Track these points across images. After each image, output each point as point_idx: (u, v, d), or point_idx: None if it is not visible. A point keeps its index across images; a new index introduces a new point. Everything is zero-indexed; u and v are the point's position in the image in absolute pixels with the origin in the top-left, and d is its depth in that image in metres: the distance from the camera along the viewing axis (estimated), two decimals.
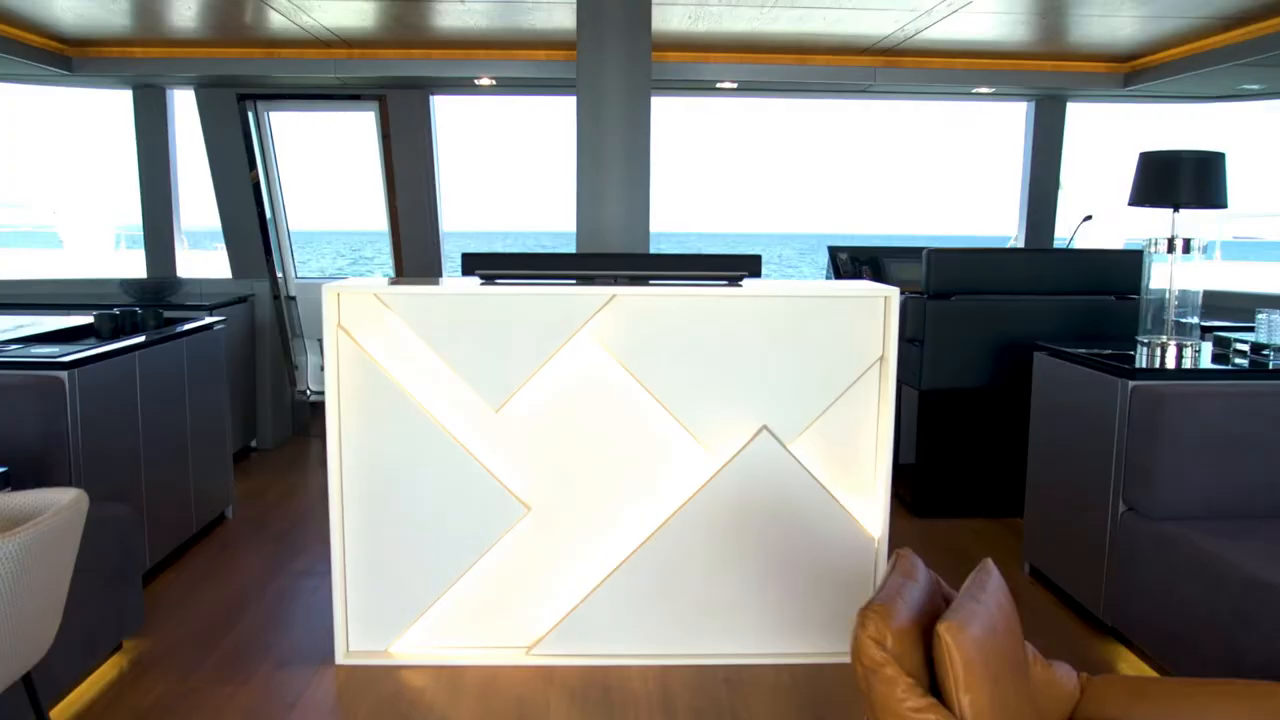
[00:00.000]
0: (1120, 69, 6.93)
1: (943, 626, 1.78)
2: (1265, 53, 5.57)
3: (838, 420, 3.90)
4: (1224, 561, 3.45)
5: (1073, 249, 6.76)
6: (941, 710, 1.72)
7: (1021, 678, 2.09)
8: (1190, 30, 5.88)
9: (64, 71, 6.57)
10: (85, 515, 2.68)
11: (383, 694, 3.70)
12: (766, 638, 3.96)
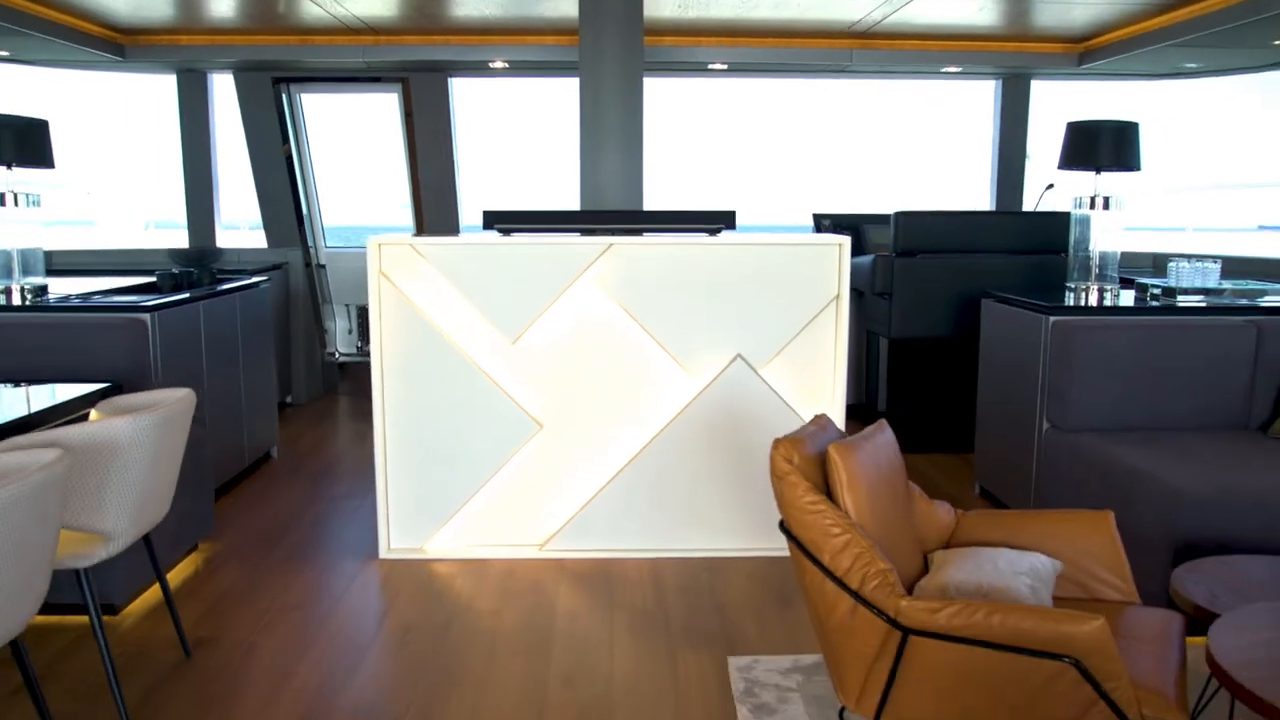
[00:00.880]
0: (1075, 49, 7.61)
1: (833, 447, 2.52)
2: (1199, 32, 6.23)
3: (800, 349, 4.62)
4: (1116, 459, 4.16)
5: (1022, 211, 7.46)
6: (829, 504, 2.44)
7: (900, 503, 2.82)
8: (1133, 14, 6.56)
9: (117, 58, 7.30)
10: (194, 408, 3.42)
11: (420, 581, 4.44)
12: (741, 534, 4.69)
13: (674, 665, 3.60)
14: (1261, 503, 3.73)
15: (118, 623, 3.97)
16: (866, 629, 2.41)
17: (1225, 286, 5.24)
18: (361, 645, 3.78)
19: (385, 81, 8.21)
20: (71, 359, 4.33)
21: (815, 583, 2.49)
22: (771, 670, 3.53)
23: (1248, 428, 4.67)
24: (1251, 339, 4.66)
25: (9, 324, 4.42)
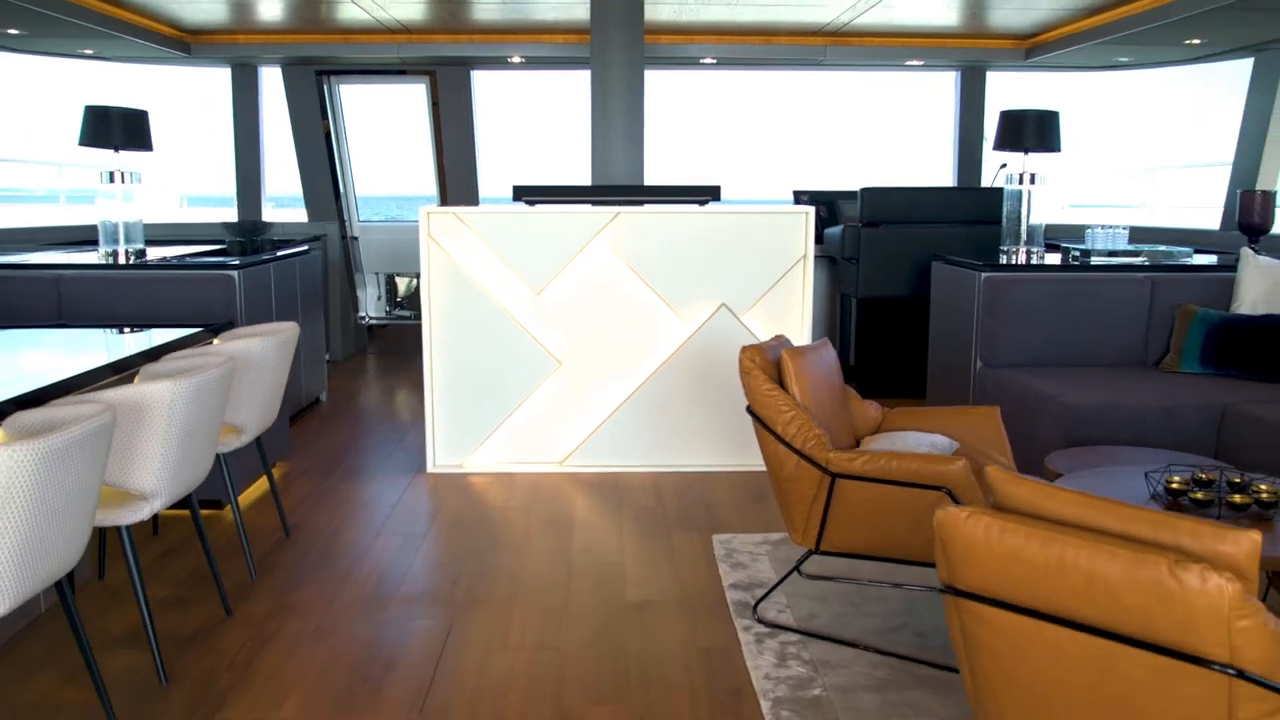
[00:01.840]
0: (1023, 45, 8.60)
1: (784, 351, 3.53)
2: (1123, 32, 7.21)
3: (774, 299, 5.62)
4: (1031, 387, 5.16)
5: (971, 187, 8.44)
6: (781, 391, 3.44)
7: (837, 397, 3.83)
8: (1069, 16, 7.54)
9: (184, 54, 8.29)
10: (298, 337, 4.41)
11: (461, 489, 5.43)
12: (726, 452, 5.69)
13: (670, 541, 4.61)
14: (1134, 414, 4.74)
15: (223, 514, 4.97)
16: (806, 477, 3.41)
17: (1131, 249, 6.24)
18: (419, 532, 4.77)
19: (414, 74, 9.21)
20: (174, 308, 5.31)
21: (771, 447, 3.50)
22: (746, 542, 4.54)
23: (1144, 364, 5.67)
24: (1147, 291, 5.67)
25: (123, 280, 5.41)
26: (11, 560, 2.38)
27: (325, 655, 3.46)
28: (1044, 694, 1.91)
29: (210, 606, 3.85)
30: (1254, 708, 1.68)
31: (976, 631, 1.97)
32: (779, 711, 3.05)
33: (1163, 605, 1.66)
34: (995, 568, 1.86)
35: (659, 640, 3.58)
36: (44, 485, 2.40)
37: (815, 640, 3.52)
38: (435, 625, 3.70)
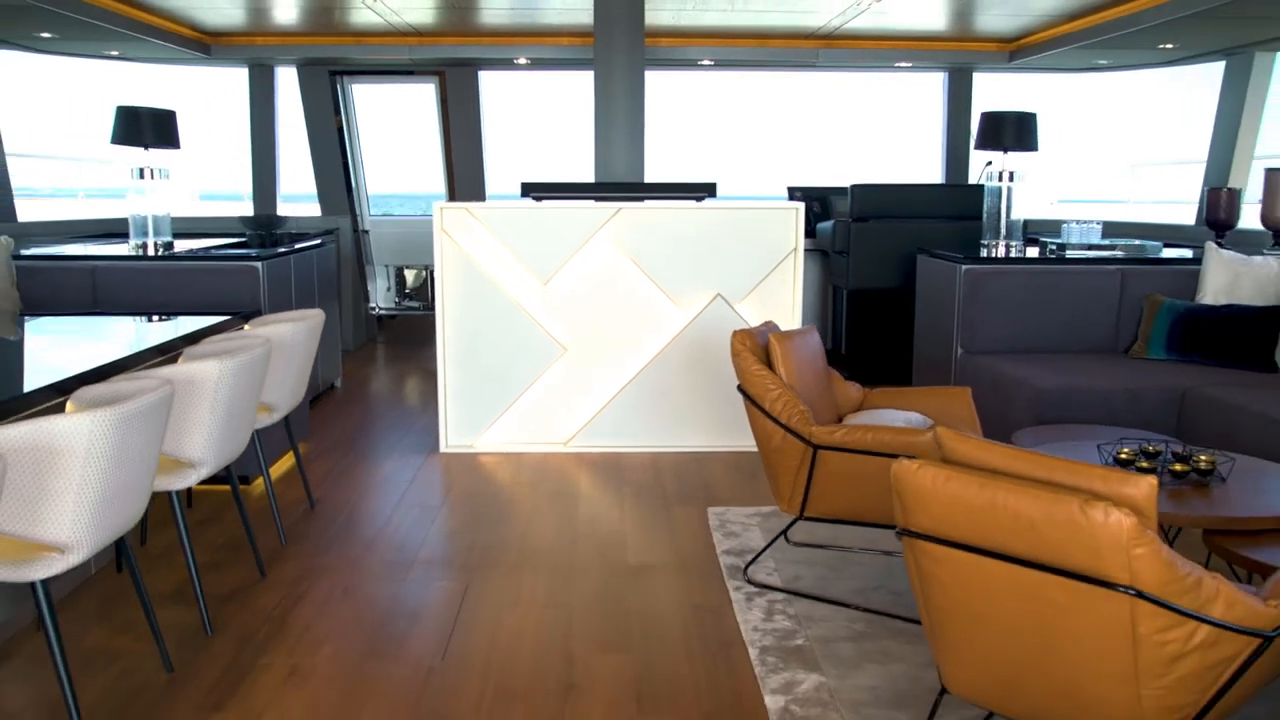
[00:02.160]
0: (1006, 48, 8.94)
1: (771, 335, 3.87)
2: (1100, 37, 7.54)
3: (766, 289, 5.96)
4: (1006, 371, 5.51)
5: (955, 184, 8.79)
6: (769, 371, 3.79)
7: (821, 378, 4.18)
8: (1049, 21, 7.88)
9: (204, 55, 8.63)
10: (323, 323, 4.75)
11: (472, 467, 5.78)
12: (721, 433, 6.03)
13: (669, 513, 4.96)
14: (1100, 397, 5.09)
15: (251, 489, 5.32)
16: (791, 449, 3.76)
17: (1106, 243, 6.59)
18: (435, 504, 5.12)
19: (424, 74, 9.55)
20: (201, 296, 5.65)
21: (760, 422, 3.85)
22: (738, 514, 4.89)
23: (1115, 351, 6.01)
24: (1118, 283, 6.02)
25: (154, 270, 5.75)
26: (92, 512, 2.73)
27: (353, 611, 3.81)
28: (983, 618, 2.26)
29: (245, 569, 4.20)
30: (1152, 623, 2.03)
31: (927, 567, 2.32)
32: (765, 658, 3.40)
33: (1075, 537, 2.01)
34: (940, 511, 2.21)
35: (658, 599, 3.93)
36: (119, 447, 2.75)
37: (799, 598, 3.88)
38: (453, 586, 4.05)
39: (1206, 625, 2.03)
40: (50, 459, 2.60)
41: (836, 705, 3.09)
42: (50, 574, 2.69)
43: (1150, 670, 2.07)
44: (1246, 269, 5.77)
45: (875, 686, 3.20)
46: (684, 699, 3.17)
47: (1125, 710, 2.14)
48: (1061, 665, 2.17)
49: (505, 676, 3.31)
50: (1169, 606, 2.00)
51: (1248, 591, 2.09)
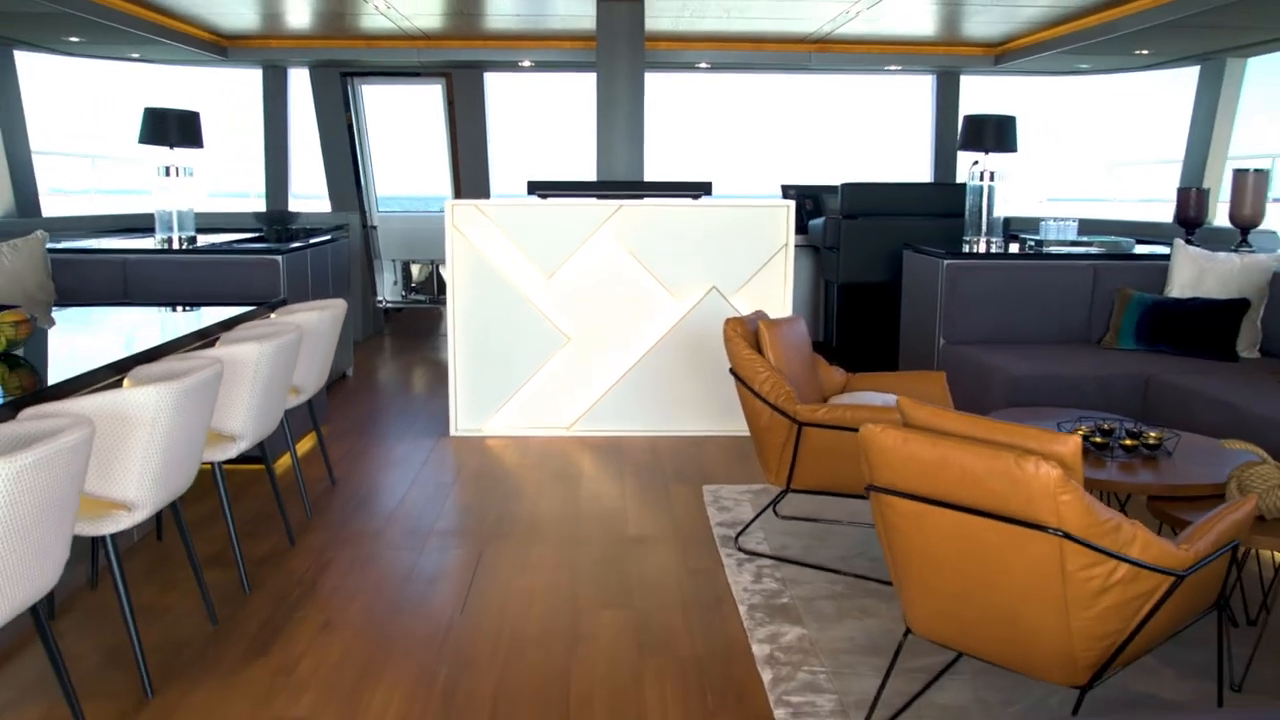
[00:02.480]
0: (992, 52, 9.30)
1: (760, 323, 4.23)
2: (1080, 43, 7.90)
3: (759, 282, 6.31)
4: (984, 360, 5.86)
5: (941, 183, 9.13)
6: (758, 355, 4.15)
7: (806, 363, 4.53)
8: (1032, 27, 8.23)
9: (221, 57, 8.98)
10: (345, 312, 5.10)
11: (480, 450, 6.13)
12: (716, 418, 6.39)
13: (667, 490, 5.31)
14: (1071, 383, 5.44)
15: (275, 467, 5.67)
16: (778, 426, 4.12)
17: (1083, 239, 6.94)
18: (448, 482, 5.47)
19: (431, 76, 9.90)
20: (225, 287, 5.99)
21: (749, 402, 4.20)
22: (731, 491, 5.24)
23: (1088, 341, 6.36)
24: (1091, 277, 6.37)
25: (182, 263, 6.10)
26: (155, 475, 3.08)
27: (378, 573, 4.17)
28: (937, 560, 2.61)
29: (276, 538, 4.55)
30: (1077, 561, 2.39)
31: (890, 518, 2.68)
32: (753, 614, 3.76)
33: (1011, 487, 2.37)
34: (900, 468, 2.57)
35: (655, 564, 4.29)
36: (178, 417, 3.10)
37: (786, 564, 4.23)
38: (467, 553, 4.41)
39: (1125, 564, 2.39)
40: (122, 426, 2.95)
41: (816, 653, 3.44)
42: (118, 529, 3.04)
43: (1078, 602, 2.42)
44: (1211, 264, 6.12)
45: (852, 637, 3.56)
46: (680, 647, 3.53)
47: (1058, 639, 2.49)
48: (1003, 600, 2.53)
49: (519, 628, 3.66)
50: (1091, 546, 2.36)
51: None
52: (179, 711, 3.07)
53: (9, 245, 5.90)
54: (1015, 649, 2.60)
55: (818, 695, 3.16)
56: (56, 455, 2.33)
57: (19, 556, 2.32)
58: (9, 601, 2.35)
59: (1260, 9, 6.32)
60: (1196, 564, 2.48)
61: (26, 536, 2.33)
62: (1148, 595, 2.46)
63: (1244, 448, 3.56)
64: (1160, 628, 2.57)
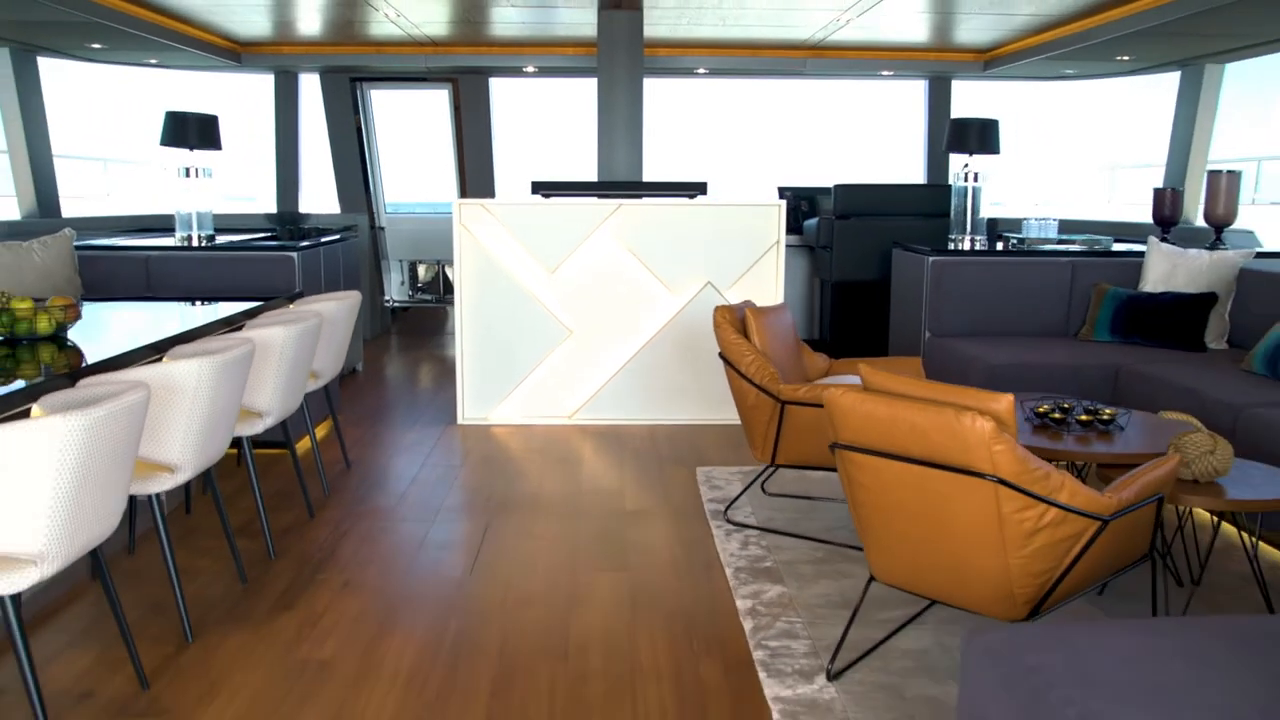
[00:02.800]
0: (981, 58, 9.63)
1: (747, 310, 4.56)
2: (1064, 49, 8.23)
3: (752, 278, 6.65)
4: (966, 351, 6.18)
5: (930, 184, 9.46)
6: (745, 339, 4.48)
7: (791, 348, 4.87)
8: (1019, 34, 8.57)
9: (235, 63, 9.34)
10: (359, 302, 5.44)
11: (486, 437, 6.46)
12: (711, 407, 6.72)
13: (663, 472, 5.64)
14: (1045, 371, 5.76)
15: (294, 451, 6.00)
16: (763, 405, 4.45)
17: (1065, 237, 7.26)
18: (456, 465, 5.80)
19: (438, 81, 10.27)
20: (244, 282, 6.33)
21: (737, 383, 4.53)
22: (723, 472, 5.57)
23: (1066, 334, 6.68)
24: (1069, 273, 6.69)
25: (202, 259, 6.44)
26: (195, 442, 3.42)
27: (391, 543, 4.50)
28: (892, 508, 2.94)
29: (297, 512, 4.89)
30: (1011, 504, 2.71)
31: (852, 472, 3.01)
32: (739, 575, 4.09)
33: (952, 439, 2.69)
34: (859, 426, 2.90)
35: (650, 534, 4.62)
36: (215, 389, 3.44)
37: (770, 534, 4.56)
38: (475, 525, 4.74)
39: (1054, 508, 2.72)
40: (168, 395, 3.29)
41: (794, 607, 3.77)
42: (163, 489, 3.37)
43: (1013, 542, 2.75)
44: (1182, 260, 6.44)
45: (828, 594, 3.89)
46: (671, 604, 3.86)
47: (998, 576, 2.82)
48: (950, 542, 2.86)
49: (523, 587, 4.00)
50: (1023, 491, 2.68)
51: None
52: (217, 654, 3.41)
53: (39, 242, 6.26)
54: (962, 588, 2.93)
55: (793, 641, 3.49)
56: (122, 411, 2.67)
57: (91, 499, 2.66)
58: (85, 536, 2.68)
59: (1233, 17, 6.64)
60: (1120, 511, 2.80)
61: (97, 481, 2.66)
62: (1076, 537, 2.78)
63: (1181, 419, 3.88)
64: (1091, 568, 2.90)
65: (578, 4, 7.62)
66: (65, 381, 3.19)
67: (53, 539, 2.58)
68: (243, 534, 4.56)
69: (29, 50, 7.96)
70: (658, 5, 7.62)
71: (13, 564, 2.59)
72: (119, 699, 3.12)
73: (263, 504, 4.29)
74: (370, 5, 7.53)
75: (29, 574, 2.59)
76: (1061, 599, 2.89)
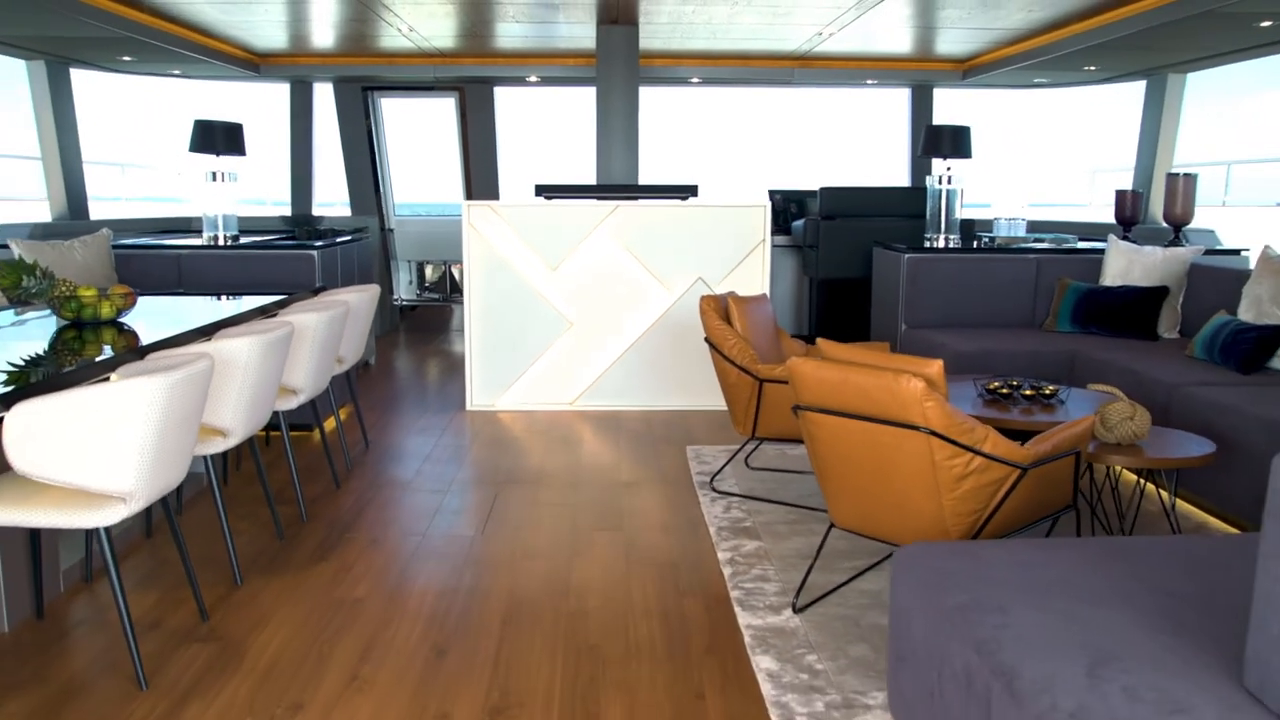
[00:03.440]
0: (960, 68, 10.17)
1: (729, 298, 5.08)
2: (1035, 59, 8.76)
3: (739, 274, 7.16)
4: (938, 340, 6.69)
5: (910, 187, 9.98)
6: (728, 325, 4.99)
7: (771, 335, 5.38)
8: (992, 46, 9.09)
9: (254, 74, 9.87)
10: (379, 294, 5.96)
11: (493, 422, 6.97)
12: (702, 395, 7.23)
13: (656, 450, 6.15)
14: (1007, 357, 6.27)
15: (314, 434, 6.52)
16: (744, 384, 4.96)
17: (1032, 236, 7.78)
18: (465, 445, 6.32)
19: (445, 91, 10.81)
20: (268, 277, 6.85)
21: (720, 364, 5.05)
22: (710, 450, 6.09)
23: (1031, 325, 7.20)
24: (1034, 269, 7.21)
25: (229, 257, 6.96)
26: (245, 411, 3.93)
27: (411, 507, 5.02)
28: (845, 460, 3.46)
29: (324, 483, 5.40)
30: (942, 453, 3.22)
31: (811, 429, 3.52)
32: (721, 533, 4.60)
33: (891, 398, 3.21)
34: (816, 389, 3.41)
35: (643, 500, 5.13)
36: (262, 365, 3.95)
37: (751, 500, 5.07)
38: (485, 494, 5.25)
39: (979, 456, 3.23)
40: (223, 368, 3.80)
41: (769, 558, 4.28)
42: (217, 451, 3.89)
43: (945, 486, 3.26)
44: (1138, 257, 6.95)
45: (798, 548, 4.40)
46: (660, 556, 4.37)
47: (934, 515, 3.33)
48: (893, 487, 3.37)
49: (528, 543, 4.51)
50: (951, 441, 3.20)
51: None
52: (264, 594, 3.92)
53: (79, 241, 6.79)
54: (905, 527, 3.44)
55: (766, 584, 4.00)
56: (196, 375, 3.19)
57: (168, 450, 3.18)
58: (162, 480, 3.20)
59: (1190, 32, 7.16)
60: (1037, 461, 3.31)
61: (173, 434, 3.18)
62: (1000, 483, 3.29)
63: (1106, 390, 4.39)
64: (1016, 510, 3.41)
65: (577, 19, 8.15)
66: (135, 356, 3.71)
67: (139, 480, 3.10)
68: (277, 500, 5.07)
69: (63, 63, 8.49)
70: (652, 21, 8.15)
71: (107, 501, 3.10)
72: (183, 628, 3.64)
73: (296, 473, 4.80)
74: (384, 21, 8.06)
75: (119, 510, 3.10)
76: (992, 538, 3.40)
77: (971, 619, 2.34)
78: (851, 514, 3.61)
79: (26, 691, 3.17)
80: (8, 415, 2.99)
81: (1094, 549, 2.70)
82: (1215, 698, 1.96)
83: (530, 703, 3.13)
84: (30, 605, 3.69)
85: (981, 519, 3.34)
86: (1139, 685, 2.01)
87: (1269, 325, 5.47)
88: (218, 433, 3.91)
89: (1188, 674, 2.04)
